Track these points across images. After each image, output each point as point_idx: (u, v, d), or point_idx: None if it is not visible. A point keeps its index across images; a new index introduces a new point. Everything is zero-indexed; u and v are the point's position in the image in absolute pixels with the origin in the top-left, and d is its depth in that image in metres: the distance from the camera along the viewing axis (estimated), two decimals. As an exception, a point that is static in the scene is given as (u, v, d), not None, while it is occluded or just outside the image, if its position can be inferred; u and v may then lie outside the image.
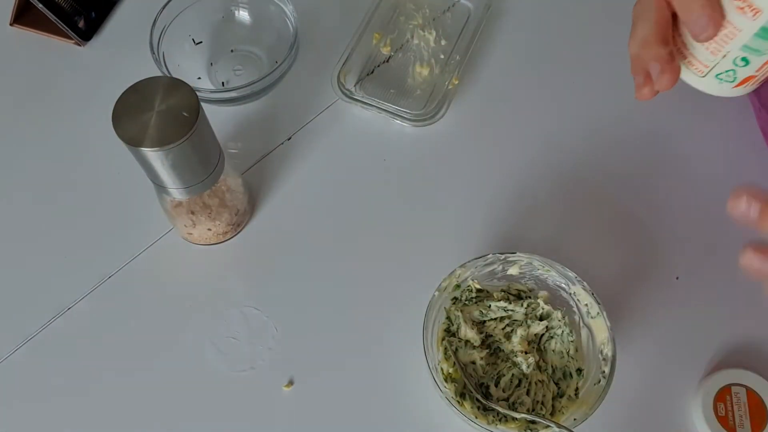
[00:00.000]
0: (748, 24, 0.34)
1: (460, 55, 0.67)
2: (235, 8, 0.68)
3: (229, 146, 0.64)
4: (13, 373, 0.55)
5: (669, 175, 0.63)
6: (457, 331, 0.53)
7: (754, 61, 0.37)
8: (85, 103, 0.67)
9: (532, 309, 0.54)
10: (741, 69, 0.37)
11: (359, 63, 0.67)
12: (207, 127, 0.48)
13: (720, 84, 0.39)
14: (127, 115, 0.45)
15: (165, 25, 0.63)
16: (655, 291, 0.58)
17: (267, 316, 0.57)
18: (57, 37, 0.69)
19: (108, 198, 0.62)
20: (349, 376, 0.55)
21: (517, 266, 0.54)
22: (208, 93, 0.61)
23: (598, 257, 0.59)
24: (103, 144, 0.59)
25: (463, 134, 0.65)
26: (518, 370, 0.52)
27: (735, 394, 0.52)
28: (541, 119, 0.65)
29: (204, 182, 0.51)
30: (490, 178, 0.62)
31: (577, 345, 0.53)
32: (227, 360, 0.55)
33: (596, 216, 0.61)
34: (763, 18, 0.34)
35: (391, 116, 0.64)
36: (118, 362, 0.55)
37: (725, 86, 0.39)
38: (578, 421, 0.47)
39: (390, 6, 0.71)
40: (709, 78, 0.39)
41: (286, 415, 0.54)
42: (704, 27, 0.35)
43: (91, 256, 0.59)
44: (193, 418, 0.53)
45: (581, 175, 0.63)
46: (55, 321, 0.57)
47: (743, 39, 0.35)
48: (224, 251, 0.60)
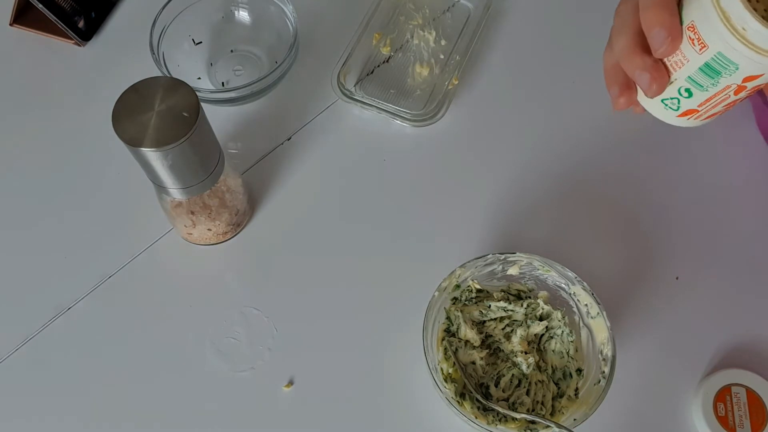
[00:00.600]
0: (695, 57, 0.35)
1: (460, 55, 0.67)
2: (235, 8, 0.68)
3: (229, 146, 0.64)
4: (13, 373, 0.55)
5: (669, 175, 0.63)
6: (457, 332, 0.53)
7: (696, 95, 0.37)
8: (85, 103, 0.67)
9: (532, 309, 0.54)
10: (684, 100, 0.38)
11: (359, 63, 0.67)
12: (207, 127, 0.48)
13: (665, 110, 0.39)
14: (126, 115, 0.45)
15: (165, 25, 0.63)
16: (655, 291, 0.58)
17: (267, 316, 0.57)
18: (57, 37, 0.69)
19: (108, 198, 0.62)
20: (349, 376, 0.55)
21: (517, 266, 0.54)
22: (208, 93, 0.61)
23: (598, 257, 0.59)
24: (103, 144, 0.59)
25: (463, 134, 0.65)
26: (518, 371, 0.52)
27: (735, 394, 0.52)
28: (541, 119, 0.65)
29: (204, 182, 0.51)
30: (490, 178, 0.62)
31: (577, 345, 0.53)
32: (227, 360, 0.55)
33: (596, 216, 0.61)
34: (707, 54, 0.34)
35: (391, 116, 0.64)
36: (118, 362, 0.55)
37: (669, 113, 0.39)
38: (578, 421, 0.47)
39: (390, 6, 0.71)
40: (656, 101, 0.39)
41: (286, 415, 0.54)
42: (662, 41, 0.35)
43: (91, 256, 0.59)
44: (193, 418, 0.53)
45: (581, 175, 0.63)
46: (55, 321, 0.57)
47: (689, 70, 0.36)
48: (224, 251, 0.60)
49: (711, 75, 0.35)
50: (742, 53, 0.33)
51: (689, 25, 0.35)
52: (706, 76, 0.35)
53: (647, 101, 0.40)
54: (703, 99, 0.37)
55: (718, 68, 0.35)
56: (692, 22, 0.34)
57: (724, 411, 0.52)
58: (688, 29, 0.35)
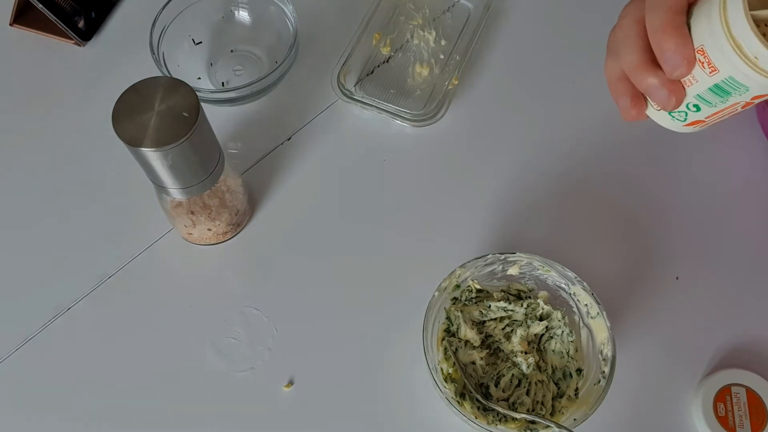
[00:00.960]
0: (705, 78, 0.35)
1: (459, 55, 0.67)
2: (235, 8, 0.68)
3: (229, 146, 0.64)
4: (13, 373, 0.55)
5: (669, 175, 0.63)
6: (457, 332, 0.53)
7: (704, 110, 0.38)
8: (85, 103, 0.67)
9: (532, 309, 0.54)
10: (692, 113, 0.38)
11: (359, 63, 0.67)
12: (207, 127, 0.48)
13: (672, 120, 0.40)
14: (126, 115, 0.45)
15: (165, 25, 0.63)
16: (655, 291, 0.58)
17: (267, 316, 0.57)
18: (57, 37, 0.69)
19: (108, 198, 0.62)
20: (349, 376, 0.55)
21: (517, 266, 0.54)
22: (208, 93, 0.61)
23: (598, 257, 0.59)
24: (103, 144, 0.59)
25: (463, 134, 0.65)
26: (518, 371, 0.52)
27: (735, 394, 0.52)
28: (541, 119, 0.65)
29: (204, 182, 0.51)
30: (490, 178, 0.62)
31: (577, 345, 0.53)
32: (227, 360, 0.55)
33: (596, 216, 0.61)
34: (718, 77, 0.34)
35: (391, 116, 0.64)
36: (118, 362, 0.55)
37: (676, 123, 0.40)
38: (578, 421, 0.47)
39: (390, 6, 0.71)
40: (662, 112, 0.40)
41: (286, 415, 0.54)
42: (677, 66, 0.35)
43: (91, 256, 0.59)
44: (193, 418, 0.53)
45: (581, 175, 0.63)
46: (55, 321, 0.57)
47: (698, 89, 0.36)
48: (224, 251, 0.60)
49: (720, 95, 0.35)
50: (753, 79, 0.33)
51: (699, 49, 0.35)
52: (715, 96, 0.36)
53: (654, 112, 0.40)
54: (711, 113, 0.38)
55: (728, 89, 0.35)
56: (702, 46, 0.34)
57: (724, 411, 0.52)
58: (698, 52, 0.35)
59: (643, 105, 0.40)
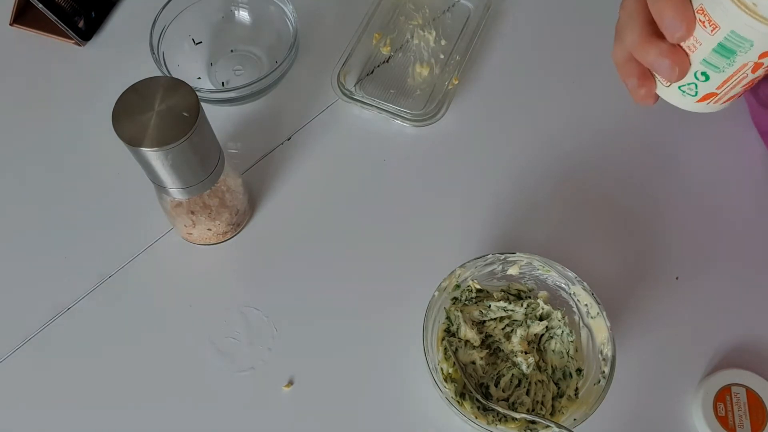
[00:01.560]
0: (707, 38, 0.35)
1: (460, 55, 0.67)
2: (235, 8, 0.68)
3: (229, 146, 0.64)
4: (13, 373, 0.55)
5: (669, 175, 0.63)
6: (457, 331, 0.53)
7: (713, 78, 0.37)
8: (85, 103, 0.67)
9: (532, 309, 0.54)
10: (702, 84, 0.37)
11: (359, 63, 0.67)
12: (207, 127, 0.48)
13: (683, 96, 0.39)
14: (127, 115, 0.45)
15: (165, 25, 0.63)
16: (655, 291, 0.58)
17: (267, 316, 0.57)
18: (57, 37, 0.69)
19: (108, 198, 0.62)
20: (349, 376, 0.55)
21: (517, 266, 0.54)
22: (208, 93, 0.61)
23: (598, 257, 0.59)
24: (103, 144, 0.59)
25: (463, 134, 0.65)
26: (518, 370, 0.52)
27: (735, 394, 0.52)
28: (541, 119, 0.65)
29: (204, 182, 0.51)
30: (490, 178, 0.62)
31: (577, 345, 0.53)
32: (227, 360, 0.55)
33: (596, 216, 0.61)
34: (720, 34, 0.34)
35: (391, 116, 0.64)
36: (118, 362, 0.55)
37: (688, 99, 0.39)
38: (578, 421, 0.47)
39: (390, 6, 0.71)
40: (672, 88, 0.39)
41: (286, 415, 0.54)
42: (678, 26, 0.35)
43: (91, 256, 0.59)
44: (193, 418, 0.53)
45: (581, 175, 0.63)
46: (55, 321, 0.57)
47: (703, 53, 0.36)
48: (224, 251, 0.60)
49: (726, 55, 0.35)
50: (755, 29, 0.32)
51: (698, 9, 0.34)
52: (721, 57, 0.35)
53: (664, 90, 0.40)
54: (721, 81, 0.37)
55: (732, 47, 0.34)
56: (701, 5, 0.34)
57: (724, 411, 0.52)
58: (697, 12, 0.34)
59: (652, 83, 0.40)
